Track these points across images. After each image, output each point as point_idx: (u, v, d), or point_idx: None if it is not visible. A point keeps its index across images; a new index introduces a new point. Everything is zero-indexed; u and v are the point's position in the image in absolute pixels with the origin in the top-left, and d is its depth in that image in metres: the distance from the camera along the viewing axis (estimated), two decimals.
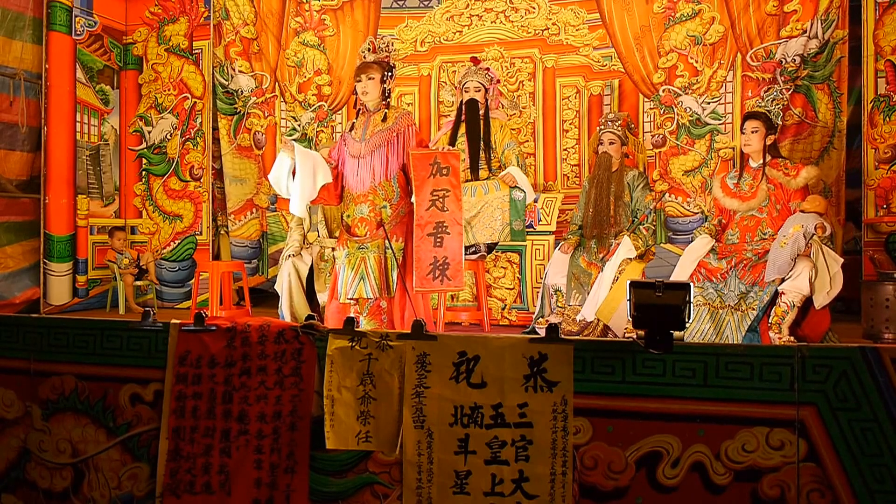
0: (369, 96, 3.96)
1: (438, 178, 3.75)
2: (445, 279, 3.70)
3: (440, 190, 3.76)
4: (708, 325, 3.85)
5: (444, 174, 3.76)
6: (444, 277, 3.70)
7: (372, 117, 3.99)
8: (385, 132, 3.92)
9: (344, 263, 3.91)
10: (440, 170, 3.76)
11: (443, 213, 3.75)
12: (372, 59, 3.97)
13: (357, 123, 4.04)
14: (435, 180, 3.76)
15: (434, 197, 3.76)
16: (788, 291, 3.62)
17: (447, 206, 3.75)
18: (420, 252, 3.73)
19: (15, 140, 5.59)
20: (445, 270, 3.71)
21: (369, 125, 3.98)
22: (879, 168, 4.77)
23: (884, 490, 2.52)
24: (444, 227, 3.74)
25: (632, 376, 2.73)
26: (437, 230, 3.73)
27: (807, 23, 4.99)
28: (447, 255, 3.70)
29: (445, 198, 3.76)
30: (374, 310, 3.86)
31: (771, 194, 4.04)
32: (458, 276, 3.70)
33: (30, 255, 5.69)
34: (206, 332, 3.13)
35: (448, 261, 3.70)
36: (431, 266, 3.71)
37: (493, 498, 2.79)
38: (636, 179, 4.60)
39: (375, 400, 2.93)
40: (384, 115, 3.95)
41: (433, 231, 3.73)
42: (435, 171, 3.77)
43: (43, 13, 5.70)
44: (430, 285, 3.72)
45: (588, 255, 4.49)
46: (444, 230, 3.73)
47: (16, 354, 3.47)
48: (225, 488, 3.02)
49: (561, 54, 5.74)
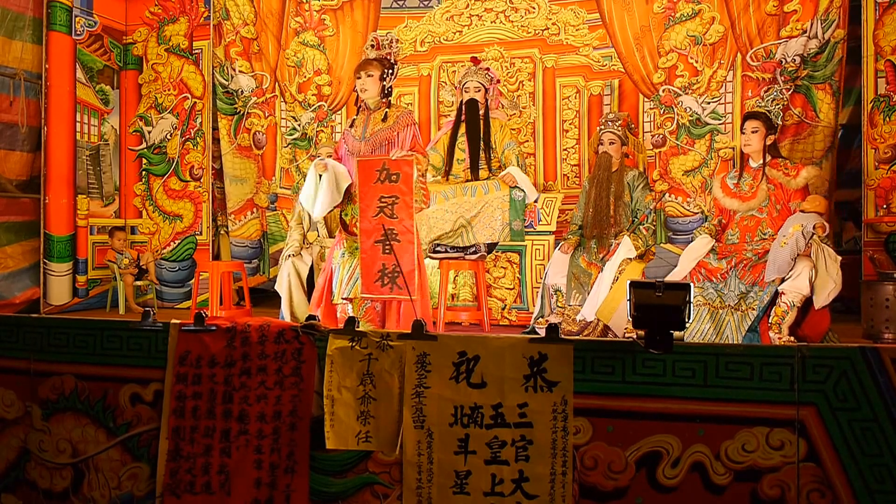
0: (368, 93, 3.94)
1: (387, 185, 3.71)
2: (395, 287, 3.66)
3: (388, 197, 3.71)
4: (708, 325, 3.85)
5: (393, 181, 3.71)
6: (393, 285, 3.67)
7: (372, 115, 3.98)
8: (385, 131, 3.91)
9: (339, 263, 3.90)
10: (389, 176, 3.72)
11: (391, 220, 3.70)
12: (374, 56, 3.97)
13: (357, 121, 4.03)
14: (383, 187, 3.71)
15: (382, 204, 3.72)
16: (788, 291, 3.62)
17: (396, 213, 3.70)
18: (367, 259, 3.71)
19: (15, 140, 5.59)
20: (395, 279, 3.67)
21: (369, 123, 3.97)
22: (879, 168, 4.77)
23: (884, 490, 2.52)
24: (394, 235, 3.69)
25: (632, 376, 2.73)
26: (385, 237, 3.69)
27: (807, 23, 4.99)
28: (397, 263, 3.66)
29: (394, 205, 3.71)
30: (369, 309, 3.85)
31: (771, 194, 4.04)
32: (410, 285, 3.63)
33: (30, 255, 5.69)
34: (206, 332, 3.13)
35: (399, 269, 3.66)
36: (380, 273, 3.68)
37: (493, 498, 2.79)
38: (636, 179, 4.60)
39: (375, 400, 2.93)
40: (385, 114, 3.93)
41: (381, 238, 3.70)
42: (383, 177, 3.73)
43: (43, 13, 5.70)
44: (379, 292, 3.69)
45: (588, 255, 4.49)
46: (393, 237, 3.69)
47: (16, 354, 3.47)
48: (225, 488, 3.02)
49: (561, 54, 5.73)
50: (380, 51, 3.99)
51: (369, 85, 3.93)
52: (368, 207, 3.73)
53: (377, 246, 3.71)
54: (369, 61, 3.96)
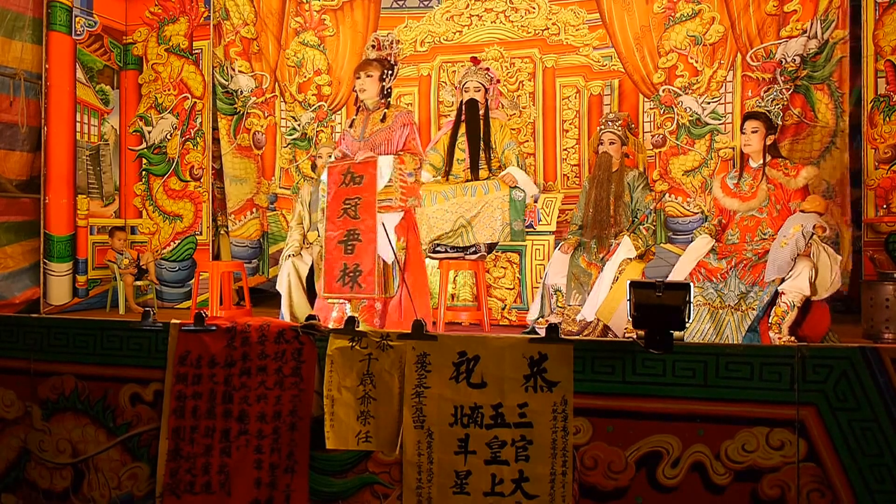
0: (367, 94, 3.94)
1: (352, 188, 3.76)
2: (357, 286, 3.72)
3: (352, 199, 3.77)
4: (708, 325, 3.85)
5: (357, 183, 3.77)
6: (354, 284, 3.72)
7: (371, 116, 3.98)
8: (384, 131, 3.91)
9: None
10: (353, 179, 3.77)
11: (354, 220, 3.76)
12: (374, 57, 3.96)
13: (356, 121, 4.03)
14: (347, 189, 3.77)
15: (346, 206, 3.78)
16: (788, 291, 3.62)
17: (359, 213, 3.75)
18: (330, 259, 3.78)
19: (15, 140, 5.59)
20: (357, 278, 3.72)
21: (368, 124, 3.97)
22: (879, 168, 4.77)
23: (884, 490, 2.52)
24: (356, 235, 3.74)
25: (632, 376, 2.73)
26: (347, 238, 3.75)
27: (807, 23, 4.99)
28: (358, 263, 3.72)
29: (357, 206, 3.76)
30: (367, 309, 3.85)
31: (771, 194, 4.04)
32: (370, 284, 3.69)
33: (30, 255, 5.69)
34: (206, 332, 3.13)
35: (360, 268, 3.72)
36: (341, 273, 3.74)
37: (493, 498, 2.79)
38: (636, 179, 4.60)
39: (375, 400, 2.93)
40: (383, 114, 3.93)
41: (344, 239, 3.76)
42: (347, 180, 3.78)
43: (43, 13, 5.70)
44: (340, 291, 3.75)
45: (588, 255, 4.49)
46: (355, 238, 3.74)
47: (16, 354, 3.47)
48: (225, 488, 3.02)
49: (561, 54, 5.74)
50: (381, 51, 3.98)
51: (368, 85, 3.93)
52: (335, 211, 3.80)
53: (340, 246, 3.77)
54: (369, 62, 3.95)
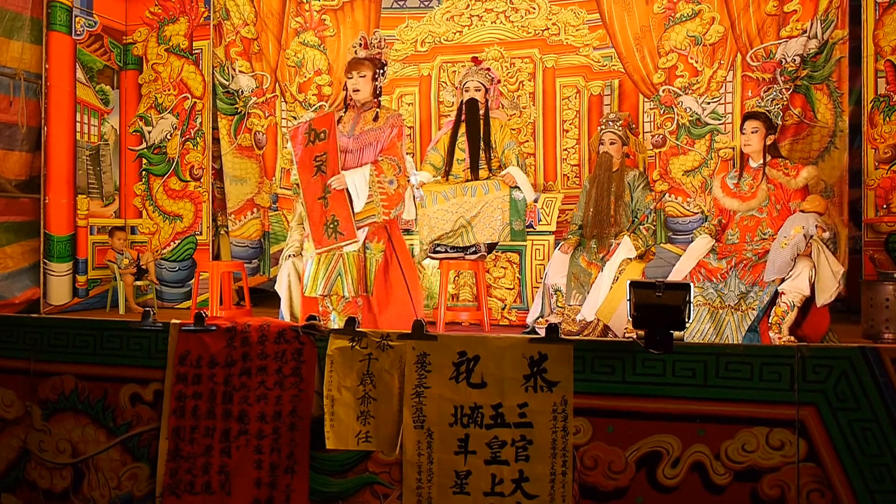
0: (361, 94, 3.95)
1: (318, 145, 3.86)
2: (339, 235, 3.83)
3: (321, 155, 3.86)
4: (708, 325, 3.85)
5: (322, 139, 3.85)
6: (336, 234, 3.84)
7: (363, 114, 3.98)
8: (375, 131, 3.93)
9: (313, 257, 3.93)
10: (317, 135, 3.86)
11: (325, 175, 3.85)
12: (363, 55, 3.95)
13: (345, 118, 4.02)
14: (314, 147, 3.86)
15: (318, 163, 3.86)
16: (788, 291, 3.62)
17: (327, 168, 3.84)
18: (313, 216, 3.87)
19: (15, 140, 5.59)
20: (337, 227, 3.83)
21: (359, 121, 3.98)
22: (879, 168, 4.77)
23: (884, 490, 2.52)
24: (324, 161, 3.84)
25: (632, 376, 2.73)
26: (325, 193, 3.84)
27: (807, 23, 4.99)
28: (334, 213, 3.83)
29: (326, 161, 3.85)
30: (349, 307, 3.88)
31: (771, 194, 4.04)
32: (350, 229, 3.81)
33: (30, 255, 5.69)
34: (206, 332, 3.13)
35: (336, 218, 3.83)
36: (324, 227, 3.85)
37: (493, 498, 2.79)
38: (637, 179, 4.60)
39: (375, 400, 2.93)
40: (376, 114, 3.95)
41: (322, 195, 3.85)
42: (312, 137, 3.87)
43: (43, 13, 5.70)
44: (327, 243, 3.85)
45: (588, 255, 4.49)
46: (328, 190, 3.84)
47: (16, 354, 3.47)
48: (225, 488, 3.02)
49: (561, 54, 5.74)
50: (369, 50, 3.97)
51: (362, 85, 3.93)
52: (308, 170, 3.88)
53: (319, 202, 3.86)
54: (360, 61, 3.94)
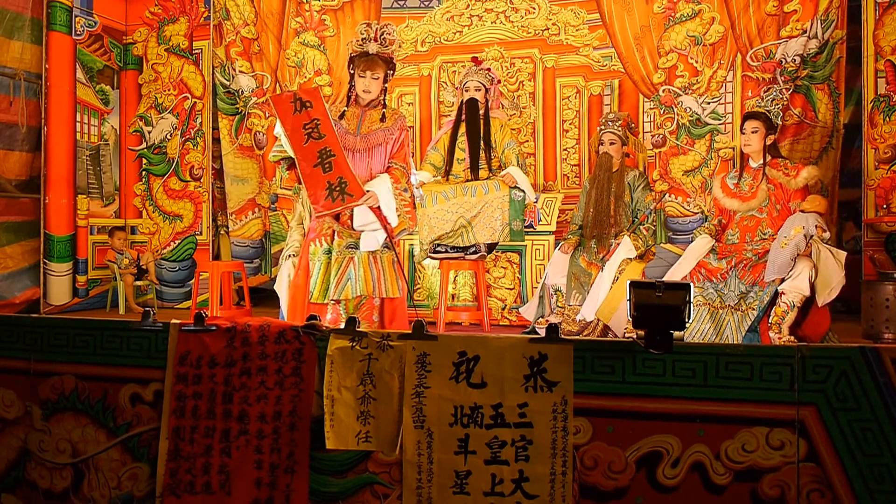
0: (371, 94, 3.84)
1: (305, 113, 3.72)
2: (346, 196, 3.68)
3: (310, 123, 3.72)
4: (708, 325, 3.85)
5: (308, 107, 3.73)
6: (344, 195, 3.68)
7: (367, 112, 3.88)
8: (383, 132, 3.84)
9: (320, 260, 3.80)
10: (304, 104, 3.72)
11: (320, 141, 3.70)
12: (375, 51, 3.79)
13: (349, 114, 3.90)
14: (301, 116, 3.72)
15: (307, 130, 3.71)
16: (788, 291, 3.62)
17: (322, 132, 3.71)
18: (312, 183, 3.71)
19: (15, 140, 5.59)
20: (344, 188, 3.69)
21: (365, 120, 3.88)
22: (879, 168, 4.77)
23: (884, 490, 2.52)
24: (329, 152, 3.70)
25: (632, 376, 2.73)
26: (321, 158, 3.69)
27: (807, 23, 4.99)
28: (341, 175, 3.69)
29: (318, 126, 3.71)
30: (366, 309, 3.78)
31: (771, 194, 4.04)
32: (358, 189, 3.69)
33: (30, 255, 5.69)
34: (206, 332, 3.12)
35: (343, 179, 3.69)
36: (327, 190, 3.69)
37: (493, 498, 2.79)
38: (637, 180, 4.60)
39: (375, 400, 2.93)
40: (382, 114, 3.84)
41: (318, 161, 3.70)
42: (299, 106, 3.73)
43: (43, 13, 5.70)
44: (334, 206, 3.70)
45: (588, 255, 4.49)
46: (328, 154, 3.69)
47: (16, 354, 3.47)
48: (225, 488, 3.02)
49: (561, 54, 5.74)
50: (380, 44, 3.81)
51: (374, 87, 3.83)
52: (298, 139, 3.73)
53: (317, 168, 3.71)
54: (376, 61, 3.79)
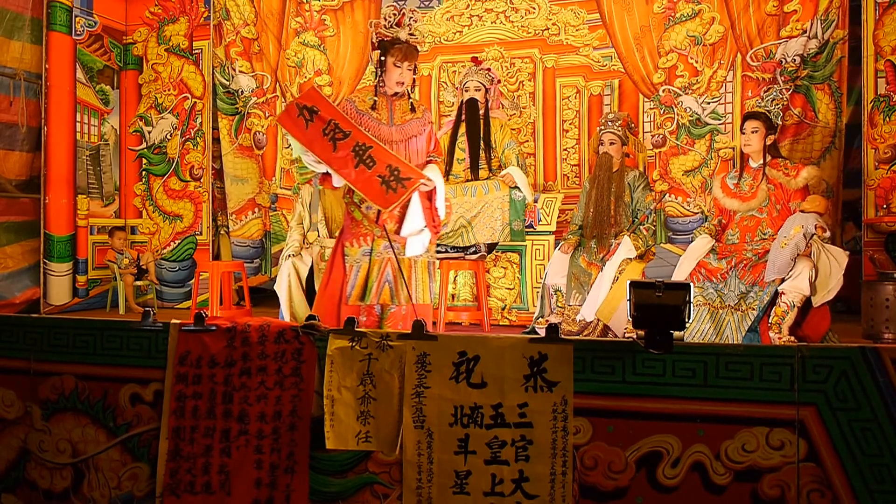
0: (403, 86, 3.65)
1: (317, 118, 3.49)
2: (404, 182, 3.45)
3: (327, 126, 3.49)
4: (708, 325, 3.85)
5: (316, 112, 3.50)
6: (400, 182, 3.45)
7: (396, 103, 3.69)
8: (415, 123, 3.69)
9: (359, 261, 3.61)
10: (311, 111, 3.50)
11: (348, 139, 3.47)
12: (405, 38, 3.60)
13: (379, 105, 3.68)
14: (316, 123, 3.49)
15: (329, 134, 3.48)
16: (788, 291, 3.62)
17: (345, 129, 3.49)
18: (363, 186, 3.47)
19: (15, 140, 5.59)
20: (398, 175, 3.45)
21: (395, 111, 3.69)
22: (879, 168, 4.77)
23: (884, 490, 2.52)
24: (362, 146, 3.46)
25: (632, 376, 2.73)
26: (359, 155, 3.45)
27: (807, 23, 4.99)
28: (388, 164, 3.46)
29: (337, 126, 3.49)
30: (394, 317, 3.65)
31: (771, 194, 4.04)
32: (413, 171, 3.48)
33: (30, 255, 5.69)
34: (206, 332, 3.12)
35: (393, 167, 3.46)
36: (384, 185, 3.44)
37: (493, 498, 2.79)
38: (637, 180, 4.60)
39: (375, 400, 2.93)
40: (411, 104, 3.69)
41: (357, 159, 3.46)
42: (307, 115, 3.51)
43: (43, 13, 5.71)
44: (396, 198, 3.45)
45: (588, 255, 4.49)
46: (364, 149, 3.46)
47: (16, 354, 3.47)
48: (225, 488, 3.02)
49: (561, 54, 5.74)
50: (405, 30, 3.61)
51: (407, 77, 3.64)
52: (324, 149, 3.50)
53: (360, 168, 3.47)
54: (411, 50, 3.60)
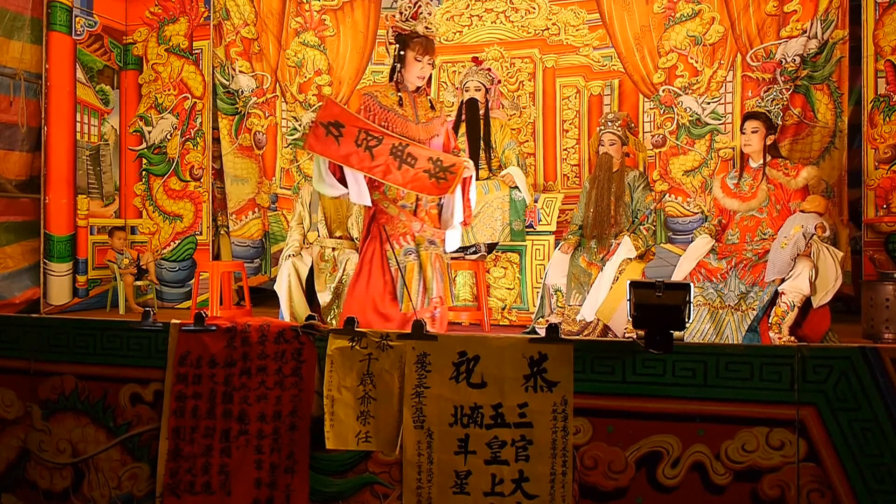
0: (423, 81, 3.54)
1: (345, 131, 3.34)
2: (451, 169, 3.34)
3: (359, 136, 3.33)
4: (708, 325, 3.85)
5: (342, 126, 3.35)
6: (447, 171, 3.34)
7: (417, 99, 3.57)
8: (437, 119, 3.58)
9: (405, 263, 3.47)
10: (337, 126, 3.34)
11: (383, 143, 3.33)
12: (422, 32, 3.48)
13: (405, 101, 3.53)
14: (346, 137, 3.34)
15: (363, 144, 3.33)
16: (788, 291, 3.62)
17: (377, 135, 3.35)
18: (413, 182, 3.35)
19: (15, 140, 5.59)
20: (442, 164, 3.35)
21: (418, 107, 3.56)
22: (879, 168, 4.77)
23: (884, 490, 2.52)
24: (399, 146, 3.34)
25: (632, 376, 2.73)
26: (398, 156, 3.33)
27: (807, 23, 4.99)
28: (429, 157, 3.37)
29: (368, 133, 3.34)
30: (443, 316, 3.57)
31: (771, 194, 4.04)
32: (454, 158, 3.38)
33: (30, 255, 5.69)
34: (206, 332, 3.12)
35: (435, 158, 3.36)
36: (433, 179, 3.34)
37: (493, 498, 2.79)
38: (637, 180, 4.60)
39: (375, 400, 2.93)
40: (430, 101, 3.59)
41: (398, 160, 3.33)
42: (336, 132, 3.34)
43: (43, 13, 5.71)
44: (449, 185, 3.34)
45: (588, 255, 4.49)
46: (402, 149, 3.34)
47: (16, 354, 3.47)
48: (225, 488, 3.02)
49: (561, 54, 5.74)
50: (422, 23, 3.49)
51: (427, 72, 3.53)
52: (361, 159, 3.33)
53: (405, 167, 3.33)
54: (432, 45, 3.49)
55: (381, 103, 3.48)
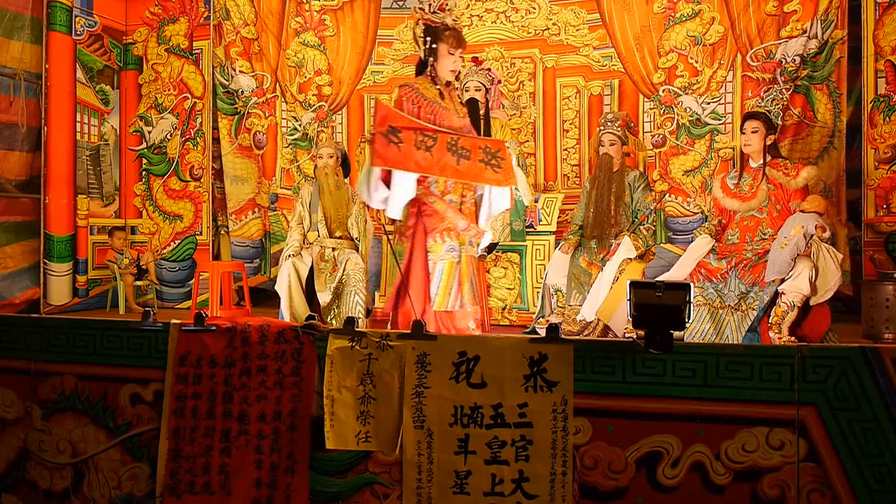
0: (453, 75, 3.51)
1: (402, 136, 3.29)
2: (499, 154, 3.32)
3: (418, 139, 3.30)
4: (708, 325, 3.85)
5: (399, 131, 3.30)
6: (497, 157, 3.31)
7: (451, 94, 3.55)
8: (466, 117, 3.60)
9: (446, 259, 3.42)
10: (395, 132, 3.29)
11: (438, 141, 3.29)
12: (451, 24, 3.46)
13: (445, 95, 3.52)
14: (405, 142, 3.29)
15: (421, 146, 3.28)
16: (788, 291, 3.62)
17: (432, 134, 3.33)
18: (474, 174, 3.32)
19: (15, 140, 5.59)
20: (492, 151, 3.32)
21: (453, 100, 3.55)
22: (879, 168, 4.77)
23: (884, 490, 2.52)
24: (454, 141, 3.30)
25: (632, 376, 2.73)
26: (455, 151, 3.28)
27: (806, 23, 4.99)
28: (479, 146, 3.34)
29: (424, 134, 3.31)
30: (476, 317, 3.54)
31: (771, 194, 4.04)
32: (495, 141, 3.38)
33: (30, 255, 5.69)
34: (206, 332, 3.13)
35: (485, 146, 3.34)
36: (489, 166, 3.30)
37: (493, 498, 2.79)
38: (637, 180, 4.60)
39: (375, 400, 2.93)
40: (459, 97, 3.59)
41: (455, 156, 3.27)
42: (395, 139, 3.29)
43: (43, 13, 5.70)
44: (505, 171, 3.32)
45: (588, 255, 4.49)
46: (455, 143, 3.30)
47: (16, 354, 3.47)
48: (225, 488, 3.02)
49: (561, 54, 5.74)
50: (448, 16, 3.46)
51: (458, 66, 3.50)
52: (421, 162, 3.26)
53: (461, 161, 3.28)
54: (462, 38, 3.47)
55: (424, 96, 3.41)
